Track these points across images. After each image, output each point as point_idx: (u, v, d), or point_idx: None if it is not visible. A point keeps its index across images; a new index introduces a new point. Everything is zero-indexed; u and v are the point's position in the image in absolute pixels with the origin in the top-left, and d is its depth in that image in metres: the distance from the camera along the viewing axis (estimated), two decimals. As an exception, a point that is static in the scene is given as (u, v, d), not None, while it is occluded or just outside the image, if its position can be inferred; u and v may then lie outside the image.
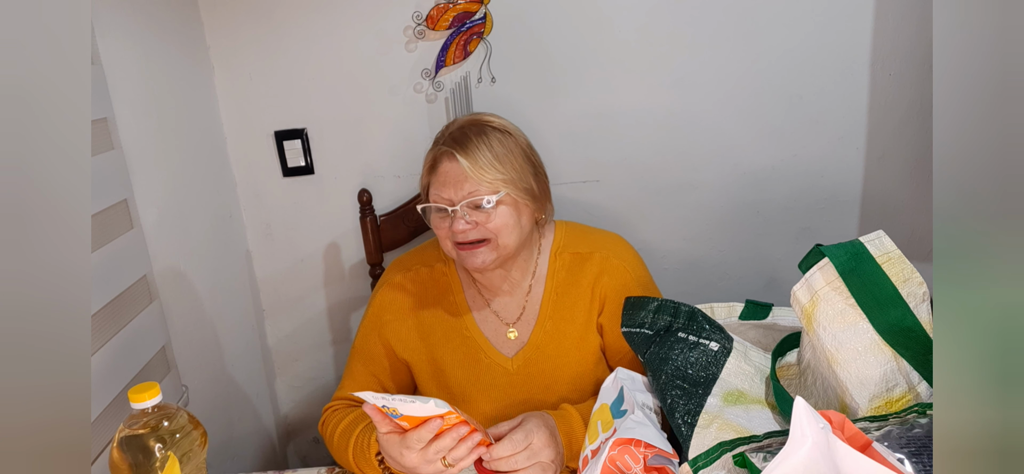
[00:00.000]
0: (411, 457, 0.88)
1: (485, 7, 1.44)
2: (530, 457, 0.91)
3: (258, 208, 1.64)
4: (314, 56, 1.50)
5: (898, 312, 0.80)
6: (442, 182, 1.05)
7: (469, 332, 1.18)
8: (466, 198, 1.03)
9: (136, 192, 1.21)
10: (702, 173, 1.53)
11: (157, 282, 1.26)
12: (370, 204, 1.50)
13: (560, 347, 1.16)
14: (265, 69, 1.52)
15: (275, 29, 1.49)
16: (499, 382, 1.17)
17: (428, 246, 1.25)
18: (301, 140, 1.56)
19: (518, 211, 1.07)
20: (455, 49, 1.46)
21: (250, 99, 1.55)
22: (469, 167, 1.03)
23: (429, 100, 1.51)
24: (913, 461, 0.67)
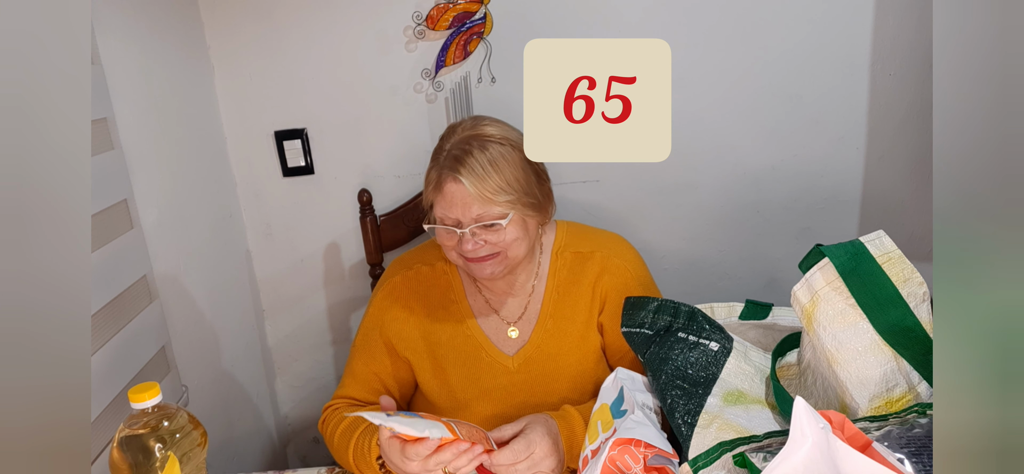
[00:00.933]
0: (412, 466, 0.89)
1: (485, 7, 1.44)
2: (531, 467, 0.91)
3: (258, 208, 1.64)
4: (314, 56, 1.50)
5: (898, 312, 0.80)
6: (449, 204, 1.04)
7: (470, 331, 1.18)
8: (475, 220, 1.03)
9: (136, 192, 1.21)
10: (702, 173, 1.53)
11: (157, 282, 1.26)
12: (370, 204, 1.50)
13: (561, 346, 1.16)
14: (265, 69, 1.52)
15: (275, 29, 1.49)
16: (500, 381, 1.17)
17: (429, 245, 1.25)
18: (301, 140, 1.56)
19: (525, 223, 1.08)
20: (455, 49, 1.47)
21: (250, 99, 1.55)
22: (474, 191, 1.01)
23: (429, 100, 1.52)
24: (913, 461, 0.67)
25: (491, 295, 1.19)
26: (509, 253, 1.06)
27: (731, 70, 1.45)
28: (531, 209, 1.06)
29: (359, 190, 1.49)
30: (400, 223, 1.52)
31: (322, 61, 1.51)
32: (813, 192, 1.52)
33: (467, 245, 1.03)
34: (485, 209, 1.02)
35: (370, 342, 1.20)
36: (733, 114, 1.48)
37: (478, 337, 1.18)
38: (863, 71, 1.43)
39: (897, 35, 1.39)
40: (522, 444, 0.91)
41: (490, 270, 1.07)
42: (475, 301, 1.19)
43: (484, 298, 1.19)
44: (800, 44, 1.42)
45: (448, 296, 1.19)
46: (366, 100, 1.53)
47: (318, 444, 1.86)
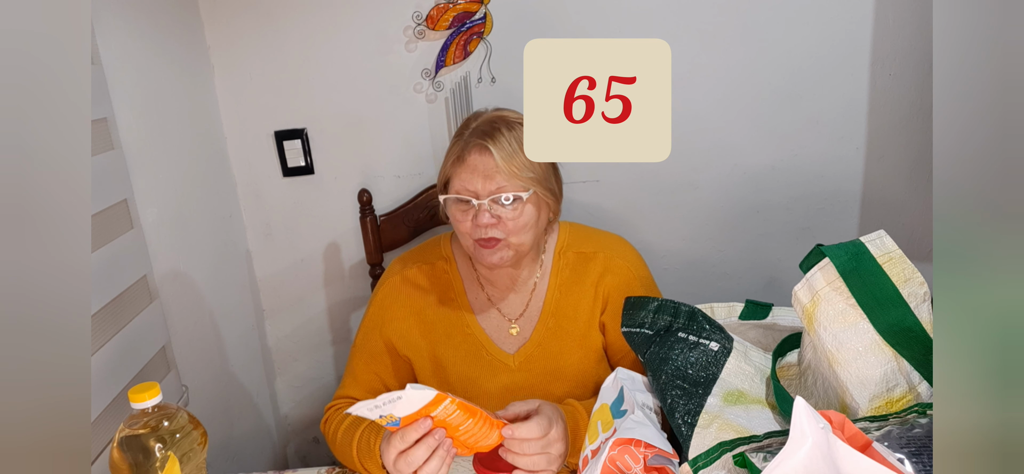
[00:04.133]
0: (389, 455, 0.89)
1: (485, 7, 1.44)
2: (545, 446, 0.90)
3: (258, 208, 1.64)
4: (314, 56, 1.50)
5: (899, 312, 0.80)
6: (470, 173, 1.04)
7: (471, 329, 1.18)
8: (494, 192, 1.03)
9: (136, 192, 1.21)
10: (702, 173, 1.53)
11: (157, 282, 1.26)
12: (370, 204, 1.50)
13: (562, 345, 1.16)
14: (265, 69, 1.52)
15: (275, 29, 1.49)
16: (501, 379, 1.17)
17: (429, 245, 1.25)
18: (301, 140, 1.56)
19: (539, 210, 1.08)
20: (455, 49, 1.47)
21: (250, 99, 1.55)
22: (502, 162, 1.02)
23: (429, 100, 1.52)
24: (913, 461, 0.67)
25: (493, 290, 1.19)
26: (519, 238, 1.06)
27: (731, 70, 1.45)
28: (549, 195, 1.08)
29: (359, 190, 1.49)
30: (400, 223, 1.52)
31: (322, 61, 1.51)
32: (813, 192, 1.52)
33: (483, 217, 1.03)
34: (508, 181, 1.03)
35: (370, 342, 1.20)
36: (733, 114, 1.48)
37: (479, 335, 1.18)
38: (863, 71, 1.43)
39: (897, 35, 1.39)
40: (543, 421, 0.90)
41: (499, 256, 1.07)
42: (476, 298, 1.19)
43: (486, 294, 1.19)
44: (800, 44, 1.42)
45: (448, 294, 1.19)
46: (366, 100, 1.53)
47: (318, 444, 1.86)
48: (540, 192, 1.06)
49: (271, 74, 1.52)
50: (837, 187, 1.51)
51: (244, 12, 1.48)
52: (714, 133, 1.50)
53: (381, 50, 1.49)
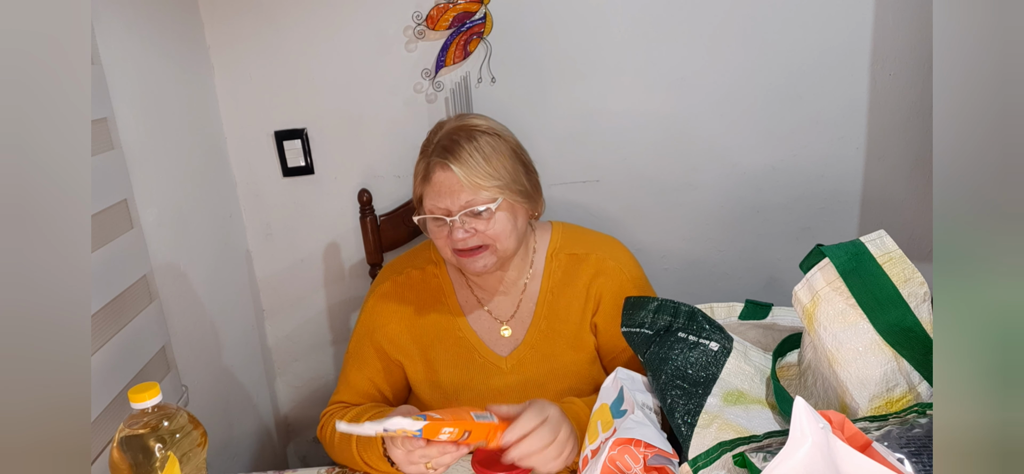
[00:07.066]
0: (396, 453, 0.92)
1: (485, 7, 1.44)
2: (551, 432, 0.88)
3: (258, 208, 1.64)
4: (314, 56, 1.50)
5: (899, 312, 0.80)
6: (437, 192, 1.05)
7: (462, 332, 1.18)
8: (463, 208, 1.03)
9: (136, 192, 1.21)
10: (702, 173, 1.53)
11: (157, 282, 1.26)
12: (370, 204, 1.50)
13: (555, 346, 1.16)
14: (265, 69, 1.52)
15: (275, 29, 1.49)
16: (493, 382, 1.17)
17: (419, 249, 1.25)
18: (301, 140, 1.56)
19: (514, 214, 1.08)
20: (455, 49, 1.46)
21: (250, 99, 1.55)
22: (463, 177, 1.02)
23: (429, 100, 1.51)
24: (913, 461, 0.67)
25: (482, 292, 1.19)
26: (499, 244, 1.06)
27: (731, 70, 1.45)
28: (520, 197, 1.08)
29: (359, 190, 1.49)
30: (400, 223, 1.52)
31: (322, 61, 1.51)
32: (813, 192, 1.52)
33: (457, 233, 1.04)
34: (474, 195, 1.03)
35: (362, 348, 1.20)
36: (733, 114, 1.48)
37: (470, 338, 1.18)
38: (863, 71, 1.43)
39: (897, 35, 1.39)
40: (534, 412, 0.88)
41: (482, 264, 1.07)
42: (466, 301, 1.19)
43: (476, 297, 1.19)
44: (800, 44, 1.42)
45: (438, 298, 1.19)
46: (366, 100, 1.53)
47: (318, 444, 1.86)
48: (510, 197, 1.06)
49: (271, 74, 1.52)
50: (837, 187, 1.51)
51: (244, 12, 1.48)
52: (714, 133, 1.49)
53: (381, 50, 1.49)
